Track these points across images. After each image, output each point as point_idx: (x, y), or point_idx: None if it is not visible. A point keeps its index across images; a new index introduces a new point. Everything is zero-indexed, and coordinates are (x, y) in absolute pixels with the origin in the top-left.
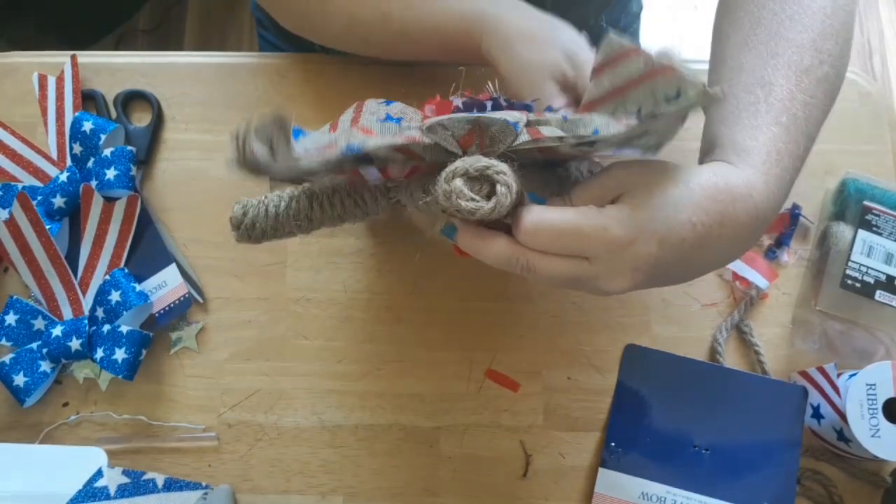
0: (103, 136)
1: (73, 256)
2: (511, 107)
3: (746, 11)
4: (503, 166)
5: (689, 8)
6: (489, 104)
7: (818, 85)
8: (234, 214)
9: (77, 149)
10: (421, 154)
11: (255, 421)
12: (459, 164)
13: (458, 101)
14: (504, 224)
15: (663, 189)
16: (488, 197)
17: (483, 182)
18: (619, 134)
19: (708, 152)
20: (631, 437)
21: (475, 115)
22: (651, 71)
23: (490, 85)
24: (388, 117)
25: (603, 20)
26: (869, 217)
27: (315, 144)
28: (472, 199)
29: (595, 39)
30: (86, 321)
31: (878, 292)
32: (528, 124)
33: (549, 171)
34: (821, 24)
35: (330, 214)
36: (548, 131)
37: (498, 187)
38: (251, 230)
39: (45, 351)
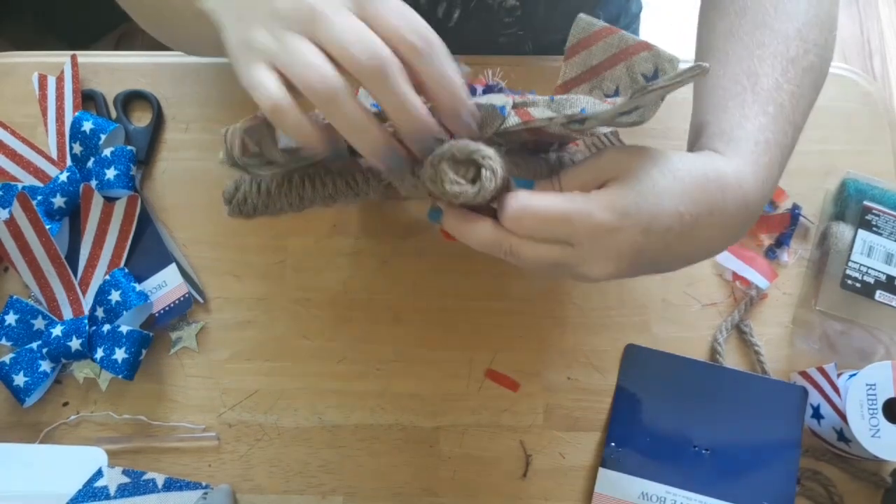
0: (103, 136)
1: (73, 256)
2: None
3: (732, 1)
4: (489, 151)
5: (689, 7)
6: (480, 89)
7: (804, 74)
8: (227, 189)
9: (77, 149)
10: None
11: (255, 421)
12: (446, 147)
13: None
14: (490, 208)
15: (651, 176)
16: (473, 181)
17: (469, 166)
18: (607, 111)
19: (695, 141)
20: (631, 437)
21: None
22: (626, 49)
23: (488, 72)
24: (375, 105)
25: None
26: (869, 217)
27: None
28: (457, 183)
29: None
30: (86, 321)
31: (878, 292)
32: (515, 106)
33: (538, 158)
34: (805, 13)
35: (321, 193)
36: (537, 112)
37: (483, 171)
38: (243, 205)
39: (45, 351)
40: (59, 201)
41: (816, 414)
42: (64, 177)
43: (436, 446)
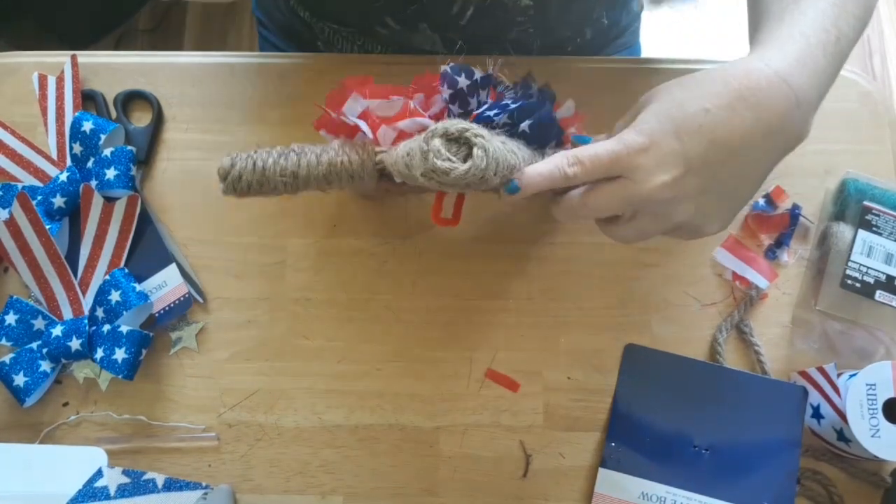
0: (103, 136)
1: (73, 256)
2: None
3: None
4: (483, 130)
5: (689, 7)
6: (477, 73)
7: (853, 25)
8: (222, 165)
9: (77, 149)
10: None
11: (255, 421)
12: (440, 125)
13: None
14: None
15: (670, 91)
16: (465, 160)
17: (461, 145)
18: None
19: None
20: (631, 437)
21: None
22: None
23: (490, 62)
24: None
25: (604, 16)
26: (869, 217)
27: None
28: (449, 160)
29: (597, 36)
30: (86, 321)
31: (878, 292)
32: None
33: (536, 150)
34: None
35: (316, 172)
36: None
37: (475, 150)
38: (237, 182)
39: (45, 351)
40: (59, 201)
41: (816, 414)
42: (64, 177)
43: (436, 446)
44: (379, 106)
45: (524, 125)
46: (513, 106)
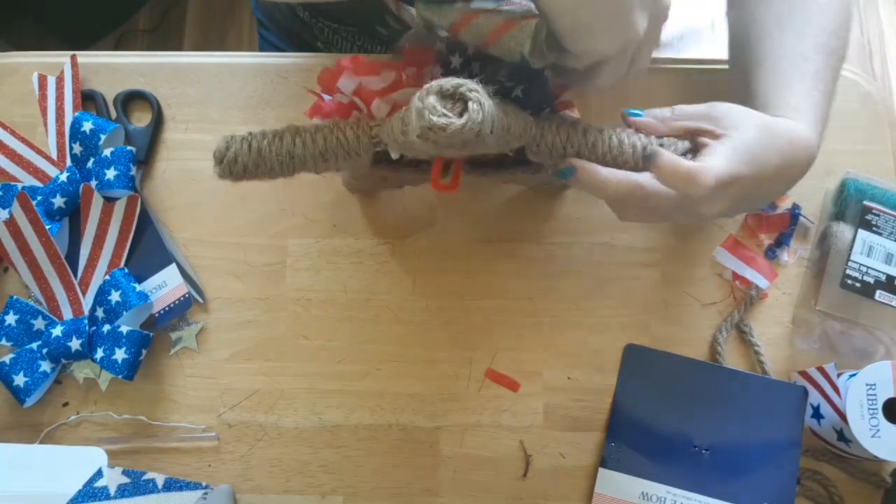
0: (103, 136)
1: (73, 256)
2: None
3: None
4: (477, 85)
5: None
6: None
7: (837, 62)
8: (217, 149)
9: (77, 149)
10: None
11: (255, 421)
12: (434, 83)
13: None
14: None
15: (758, 130)
16: (460, 115)
17: (456, 101)
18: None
19: (765, 108)
20: (631, 437)
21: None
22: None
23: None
24: None
25: None
26: (869, 217)
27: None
28: (445, 115)
29: None
30: (86, 321)
31: (878, 292)
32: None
33: (527, 113)
34: (836, 16)
35: (312, 150)
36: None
37: (470, 104)
38: (233, 164)
39: (45, 351)
40: (58, 201)
41: (816, 414)
42: (64, 177)
43: (436, 446)
44: (371, 82)
45: (518, 90)
46: (504, 72)
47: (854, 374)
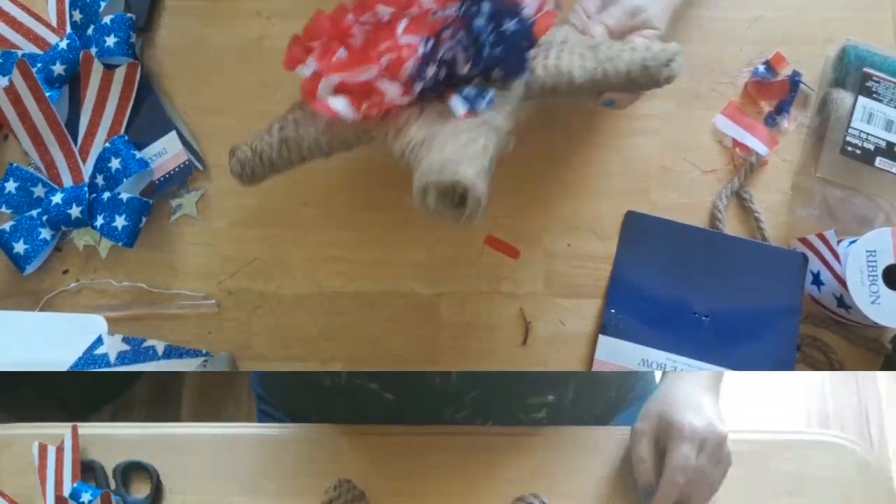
0: (103, 3)
1: (72, 124)
2: None
3: None
4: (472, 166)
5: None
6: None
7: None
8: (233, 170)
9: (77, 16)
10: None
11: (255, 288)
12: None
13: None
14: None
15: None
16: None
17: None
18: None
19: None
20: (631, 304)
21: None
22: None
23: None
24: None
25: None
26: (869, 84)
27: None
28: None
29: None
30: (86, 188)
31: (878, 159)
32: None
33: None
34: None
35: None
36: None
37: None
38: (251, 179)
39: (45, 218)
40: (58, 69)
41: (816, 280)
42: (64, 44)
43: (436, 313)
44: (350, 76)
45: (496, 50)
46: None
47: (854, 241)
